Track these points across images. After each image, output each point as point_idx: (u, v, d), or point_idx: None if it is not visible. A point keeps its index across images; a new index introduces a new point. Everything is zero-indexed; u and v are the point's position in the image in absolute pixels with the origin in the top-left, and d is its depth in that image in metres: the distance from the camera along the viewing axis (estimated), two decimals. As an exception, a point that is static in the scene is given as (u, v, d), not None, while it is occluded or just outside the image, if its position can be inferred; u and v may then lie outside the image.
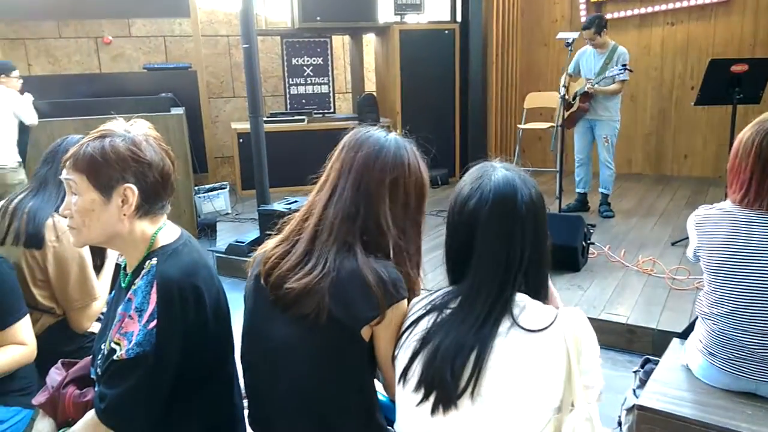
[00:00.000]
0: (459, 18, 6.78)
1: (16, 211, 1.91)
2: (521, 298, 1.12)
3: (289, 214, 4.37)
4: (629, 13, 6.51)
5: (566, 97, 4.71)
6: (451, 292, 1.17)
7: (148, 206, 1.34)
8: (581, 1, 6.72)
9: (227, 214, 5.74)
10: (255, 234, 4.66)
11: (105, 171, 1.28)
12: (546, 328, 1.08)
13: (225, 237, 5.01)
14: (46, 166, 2.02)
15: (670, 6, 6.29)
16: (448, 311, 1.14)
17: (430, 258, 1.53)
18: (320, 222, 1.30)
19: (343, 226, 1.27)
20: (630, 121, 6.51)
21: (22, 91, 4.73)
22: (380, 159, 1.31)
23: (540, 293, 1.17)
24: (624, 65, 4.68)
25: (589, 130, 5.13)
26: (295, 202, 4.53)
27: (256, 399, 1.40)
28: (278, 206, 4.46)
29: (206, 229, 5.39)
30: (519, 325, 1.08)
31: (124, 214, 1.32)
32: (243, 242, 4.59)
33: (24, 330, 1.70)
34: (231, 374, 1.48)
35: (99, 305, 1.98)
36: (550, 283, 1.23)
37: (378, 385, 1.40)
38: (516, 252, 1.12)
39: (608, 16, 6.34)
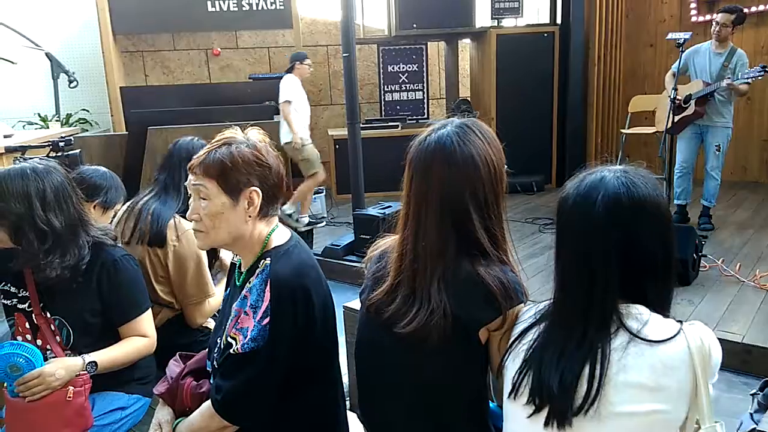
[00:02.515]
0: (559, 20, 6.60)
1: (141, 213, 2.06)
2: (640, 310, 1.07)
3: (384, 218, 4.39)
4: (745, 11, 6.05)
5: (677, 99, 4.42)
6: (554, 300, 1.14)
7: (267, 208, 1.41)
8: (692, 0, 6.34)
9: (323, 217, 5.90)
10: (350, 238, 4.75)
11: (233, 175, 1.35)
12: (670, 339, 1.02)
13: (321, 240, 5.15)
14: (165, 171, 2.16)
15: (793, 2, 5.81)
16: (550, 322, 1.11)
17: (527, 265, 1.50)
18: (416, 260, 1.26)
19: (440, 257, 1.24)
20: (746, 126, 6.06)
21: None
22: (453, 174, 1.23)
23: (661, 306, 1.09)
24: (764, 66, 4.25)
25: (698, 136, 4.74)
26: (389, 207, 4.57)
27: (369, 398, 1.42)
28: (373, 211, 4.53)
29: (303, 231, 5.56)
30: (639, 337, 1.03)
31: (249, 216, 1.39)
32: (338, 245, 4.69)
33: (146, 323, 1.82)
34: (336, 374, 1.52)
35: (213, 303, 2.09)
36: None
37: None
38: (598, 258, 1.05)
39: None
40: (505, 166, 1.30)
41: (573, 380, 1.02)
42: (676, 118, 4.53)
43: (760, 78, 4.32)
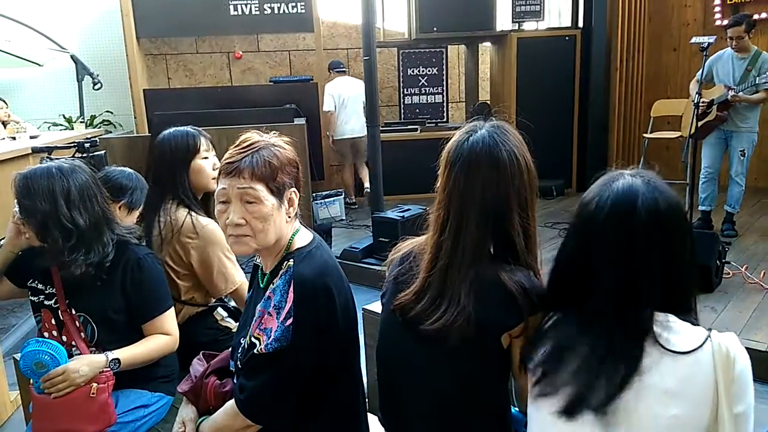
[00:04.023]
0: (581, 24, 6.56)
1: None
2: (667, 318, 1.06)
3: (403, 221, 4.36)
4: (754, 17, 5.96)
5: (701, 104, 4.36)
6: (578, 307, 1.13)
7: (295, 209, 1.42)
8: (716, 3, 6.26)
9: (342, 220, 5.92)
10: (368, 240, 4.76)
11: (280, 177, 1.36)
12: (695, 350, 1.01)
13: (339, 242, 5.16)
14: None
15: (822, 5, 5.70)
16: (579, 327, 1.10)
17: (547, 270, 1.49)
18: (452, 261, 1.25)
19: (477, 259, 1.24)
20: (771, 131, 5.96)
21: None
22: (499, 175, 1.23)
23: (686, 313, 1.09)
24: None
25: (723, 141, 4.68)
26: (408, 209, 4.57)
27: (390, 400, 1.42)
28: (391, 214, 4.53)
29: (322, 234, 5.56)
30: (664, 347, 1.02)
31: (290, 217, 1.40)
32: (357, 248, 4.70)
33: (169, 321, 1.83)
34: (358, 375, 1.52)
35: (243, 290, 2.06)
36: None
37: None
38: (639, 265, 1.05)
39: (747, 18, 5.86)
40: None
41: (607, 385, 1.02)
42: (700, 124, 4.48)
43: None
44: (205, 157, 2.09)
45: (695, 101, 4.32)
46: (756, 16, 5.93)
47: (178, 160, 2.06)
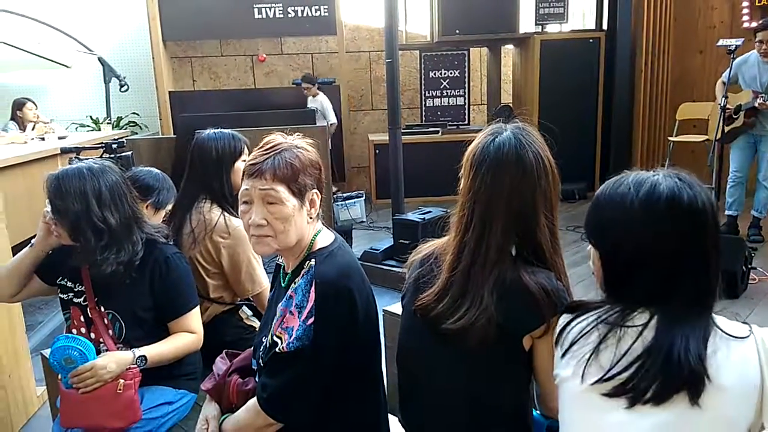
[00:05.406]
0: (605, 26, 6.50)
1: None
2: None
3: (424, 224, 4.35)
4: None
5: (727, 109, 4.30)
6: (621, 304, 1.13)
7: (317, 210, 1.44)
8: (744, 5, 6.15)
9: (362, 222, 5.93)
10: (389, 242, 4.76)
11: (301, 178, 1.38)
12: (747, 336, 1.03)
13: (360, 244, 5.18)
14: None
15: None
16: (629, 321, 1.09)
17: (570, 274, 1.48)
18: (474, 261, 1.26)
19: (501, 260, 1.24)
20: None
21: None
22: (526, 176, 1.24)
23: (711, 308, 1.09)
24: None
25: (752, 145, 4.60)
26: (429, 212, 4.57)
27: (411, 401, 1.43)
28: (412, 216, 4.53)
29: (342, 235, 5.57)
30: (726, 333, 1.04)
31: (311, 218, 1.42)
32: (377, 250, 4.70)
33: (195, 319, 1.86)
34: (378, 375, 1.53)
35: (266, 295, 2.11)
36: None
37: None
38: (673, 261, 1.06)
39: (776, 20, 5.76)
40: None
41: (689, 354, 1.02)
42: (727, 128, 4.42)
43: None
44: (245, 160, 2.13)
45: (721, 104, 4.26)
46: (785, 19, 5.84)
47: (224, 161, 2.11)
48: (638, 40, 6.12)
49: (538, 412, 1.40)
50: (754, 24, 6.02)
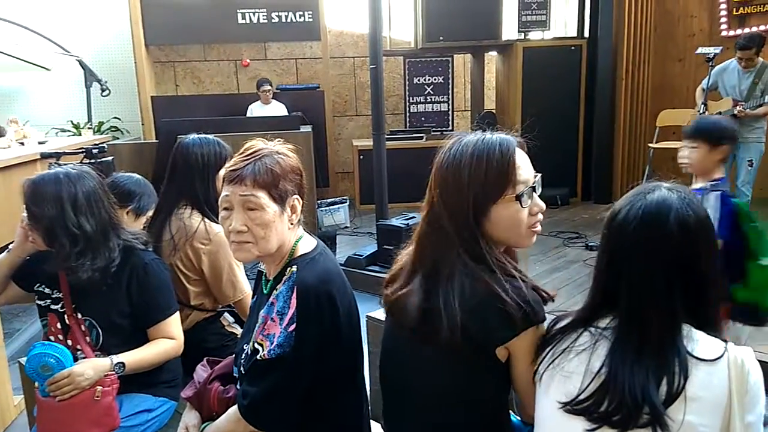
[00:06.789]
0: (587, 34, 6.58)
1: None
2: (689, 329, 1.08)
3: (407, 229, 4.34)
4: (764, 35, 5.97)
5: (706, 115, 4.38)
6: (605, 315, 1.14)
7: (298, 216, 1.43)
8: (722, 14, 6.27)
9: (346, 227, 5.93)
10: (373, 248, 4.77)
11: (282, 184, 1.37)
12: (717, 359, 1.03)
13: (344, 249, 5.17)
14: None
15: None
16: (611, 335, 1.10)
17: (551, 279, 1.49)
18: (441, 258, 1.24)
19: (469, 257, 1.22)
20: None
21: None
22: (469, 178, 1.21)
23: (710, 325, 1.10)
24: None
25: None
26: (413, 217, 4.58)
27: (390, 404, 1.43)
28: (396, 221, 4.54)
29: (326, 241, 5.59)
30: (692, 355, 1.04)
31: (292, 224, 1.41)
32: (361, 255, 4.71)
33: (174, 325, 1.85)
34: (361, 381, 1.53)
35: (248, 301, 2.09)
36: None
37: None
38: (673, 276, 1.07)
39: (753, 29, 5.86)
40: None
41: (647, 395, 1.02)
42: (706, 134, 4.48)
43: None
44: None
45: (700, 112, 4.34)
46: (762, 27, 5.95)
47: (209, 168, 2.08)
48: (619, 47, 6.20)
49: (517, 417, 1.41)
50: (732, 33, 6.15)
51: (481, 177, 1.21)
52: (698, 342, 1.06)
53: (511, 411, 1.39)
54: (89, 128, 6.23)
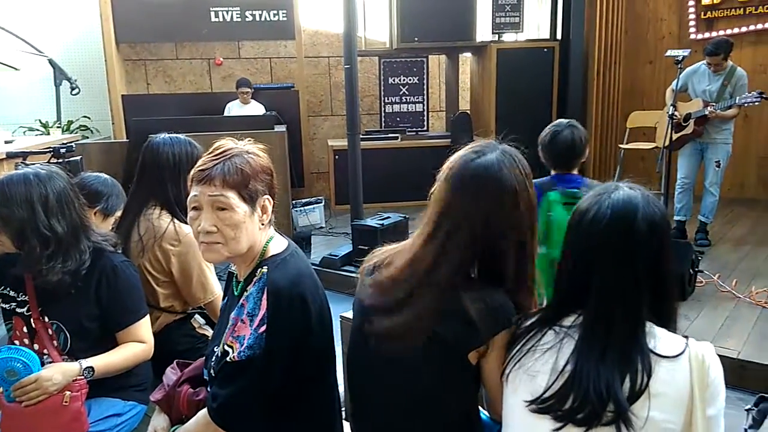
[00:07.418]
0: (559, 36, 6.66)
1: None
2: (650, 326, 1.10)
3: (382, 229, 4.34)
4: (744, 29, 6.13)
5: (675, 116, 4.45)
6: (570, 313, 1.15)
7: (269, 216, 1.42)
8: (691, 18, 6.41)
9: (321, 227, 5.91)
10: (348, 248, 4.76)
11: (252, 184, 1.36)
12: (679, 355, 1.06)
13: (319, 250, 5.15)
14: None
15: (790, 21, 5.86)
16: (576, 334, 1.12)
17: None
18: (431, 273, 1.23)
19: (452, 278, 1.22)
20: (743, 143, 6.08)
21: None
22: (503, 208, 1.21)
23: (670, 322, 1.13)
24: (761, 93, 4.31)
25: (698, 152, 4.78)
26: (388, 218, 4.59)
27: (357, 405, 1.43)
28: (371, 222, 4.54)
29: (301, 241, 5.56)
30: (653, 351, 1.07)
31: (263, 224, 1.40)
32: (336, 255, 4.70)
33: (144, 329, 1.82)
34: (333, 382, 1.52)
35: (219, 303, 2.07)
36: None
37: None
38: (640, 274, 1.09)
39: (720, 33, 6.01)
40: None
41: (612, 392, 1.04)
42: (675, 136, 4.56)
43: (756, 104, 4.37)
44: None
45: (670, 113, 4.41)
46: (729, 31, 6.10)
47: (181, 168, 2.04)
48: (591, 50, 6.28)
49: (487, 414, 1.42)
50: (700, 36, 6.29)
51: None
52: (660, 339, 1.09)
53: (480, 408, 1.41)
54: (58, 127, 6.11)
